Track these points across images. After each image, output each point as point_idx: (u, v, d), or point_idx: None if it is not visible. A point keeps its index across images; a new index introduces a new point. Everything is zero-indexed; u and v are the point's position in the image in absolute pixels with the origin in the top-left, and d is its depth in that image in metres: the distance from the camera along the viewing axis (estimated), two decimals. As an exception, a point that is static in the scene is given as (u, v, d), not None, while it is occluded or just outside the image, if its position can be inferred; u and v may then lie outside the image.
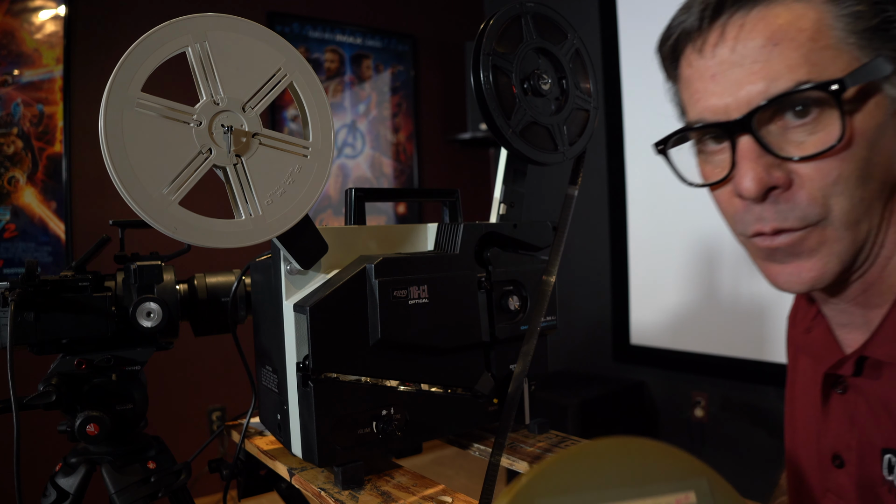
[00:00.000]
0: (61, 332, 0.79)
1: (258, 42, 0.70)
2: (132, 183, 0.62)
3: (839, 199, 0.50)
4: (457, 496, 0.71)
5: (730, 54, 0.51)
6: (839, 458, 0.60)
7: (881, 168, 0.51)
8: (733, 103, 0.51)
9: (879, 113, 0.50)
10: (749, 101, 0.50)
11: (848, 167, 0.50)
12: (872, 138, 0.50)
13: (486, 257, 0.82)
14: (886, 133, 0.51)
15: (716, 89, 0.52)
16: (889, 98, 0.51)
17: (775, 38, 0.49)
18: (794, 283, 0.54)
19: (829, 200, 0.51)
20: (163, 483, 0.85)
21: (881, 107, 0.50)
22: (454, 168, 3.43)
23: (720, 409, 2.44)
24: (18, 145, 2.23)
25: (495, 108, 0.82)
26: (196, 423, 2.56)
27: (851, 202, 0.51)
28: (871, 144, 0.50)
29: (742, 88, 0.50)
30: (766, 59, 0.49)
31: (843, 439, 0.60)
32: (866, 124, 0.50)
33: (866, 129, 0.50)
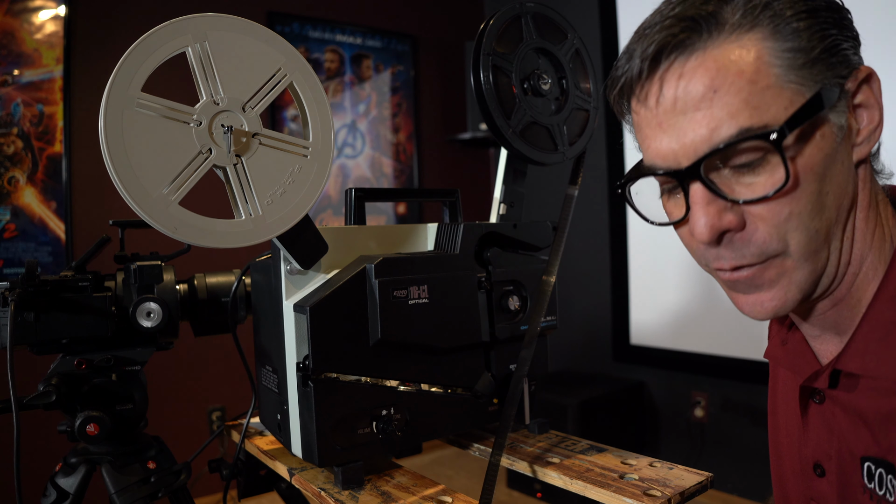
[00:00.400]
0: (61, 332, 0.79)
1: (258, 42, 0.70)
2: (132, 183, 0.62)
3: (795, 234, 0.51)
4: (457, 496, 0.71)
5: (672, 104, 0.51)
6: (820, 466, 0.61)
7: (835, 195, 0.52)
8: (681, 151, 0.51)
9: (826, 144, 0.50)
10: (695, 150, 0.50)
11: (799, 204, 0.50)
12: (821, 171, 0.50)
13: (486, 257, 0.82)
14: (837, 160, 0.51)
15: (663, 137, 0.52)
16: (836, 126, 0.51)
17: (714, 84, 0.49)
18: (757, 312, 0.55)
19: (786, 236, 0.51)
20: (163, 483, 0.85)
21: (828, 137, 0.50)
22: (454, 168, 3.43)
23: (720, 409, 2.44)
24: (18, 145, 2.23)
25: (495, 108, 0.82)
26: (196, 423, 2.56)
27: (808, 235, 0.51)
28: (821, 176, 0.50)
29: (687, 137, 0.50)
30: (707, 106, 0.49)
31: (822, 448, 0.61)
32: (813, 159, 0.50)
33: (814, 164, 0.50)
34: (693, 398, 2.51)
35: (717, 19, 0.50)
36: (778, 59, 0.49)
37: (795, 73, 0.49)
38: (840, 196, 0.52)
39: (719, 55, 0.49)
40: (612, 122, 2.72)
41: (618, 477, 0.72)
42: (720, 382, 2.42)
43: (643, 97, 0.54)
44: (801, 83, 0.49)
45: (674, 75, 0.51)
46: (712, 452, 2.46)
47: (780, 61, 0.49)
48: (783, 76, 0.49)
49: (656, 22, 0.52)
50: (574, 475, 0.73)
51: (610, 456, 0.79)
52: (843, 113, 0.51)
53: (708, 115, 0.49)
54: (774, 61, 0.49)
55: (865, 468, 0.56)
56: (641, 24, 0.54)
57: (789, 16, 0.49)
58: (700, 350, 2.43)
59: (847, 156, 0.52)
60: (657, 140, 0.53)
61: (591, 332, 2.94)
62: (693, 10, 0.50)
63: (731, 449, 2.40)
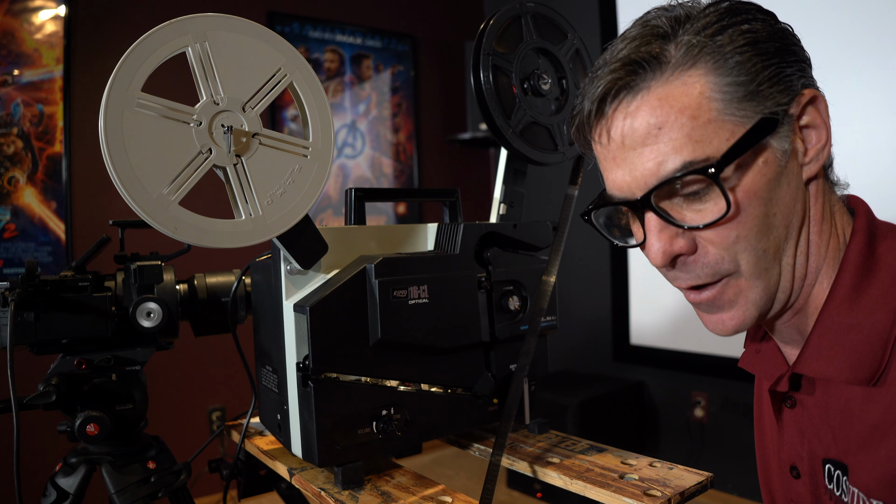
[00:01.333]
0: (61, 332, 0.79)
1: (258, 42, 0.70)
2: (132, 183, 0.62)
3: (744, 255, 0.54)
4: (457, 496, 0.71)
5: (621, 141, 0.55)
6: (795, 468, 0.64)
7: (782, 215, 0.54)
8: (633, 183, 0.55)
9: (769, 169, 0.53)
10: (645, 182, 0.54)
11: (745, 228, 0.53)
12: (765, 195, 0.53)
13: (486, 257, 0.82)
14: (782, 182, 0.54)
15: (617, 171, 0.56)
16: (779, 151, 0.53)
17: (659, 121, 0.52)
18: (720, 330, 0.59)
19: (736, 257, 0.54)
20: (163, 483, 0.85)
21: (771, 163, 0.53)
22: (454, 168, 3.43)
23: (720, 409, 2.44)
24: (18, 145, 2.23)
25: (495, 108, 0.82)
26: (196, 423, 2.56)
27: (756, 255, 0.54)
28: (765, 200, 0.53)
29: (637, 171, 0.54)
30: (653, 142, 0.52)
31: (796, 451, 0.63)
32: (756, 185, 0.52)
33: (757, 189, 0.52)
34: (693, 398, 2.51)
35: (660, 59, 0.53)
36: (719, 93, 0.51)
37: (736, 106, 0.51)
38: (787, 215, 0.55)
39: (663, 93, 0.52)
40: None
41: (618, 477, 0.72)
42: (720, 382, 2.42)
43: (596, 135, 0.58)
44: (743, 115, 0.51)
45: (620, 115, 0.54)
46: (712, 452, 2.46)
47: (721, 95, 0.51)
48: (724, 110, 0.51)
49: (604, 64, 0.56)
50: (574, 475, 0.73)
51: (610, 456, 0.79)
52: (786, 137, 0.53)
53: (655, 150, 0.52)
54: (715, 95, 0.51)
55: (826, 470, 0.59)
56: (594, 65, 0.58)
57: (729, 50, 0.52)
58: (700, 350, 2.43)
59: (794, 176, 0.55)
60: (613, 173, 0.57)
61: (591, 332, 2.94)
62: (637, 53, 0.53)
63: (731, 449, 2.40)
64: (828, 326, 0.56)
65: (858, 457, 0.55)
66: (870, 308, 0.54)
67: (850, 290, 0.55)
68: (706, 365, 2.41)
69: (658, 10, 0.56)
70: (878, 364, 0.53)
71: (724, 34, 0.52)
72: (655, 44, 0.53)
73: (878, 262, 0.55)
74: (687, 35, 0.52)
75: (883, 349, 0.53)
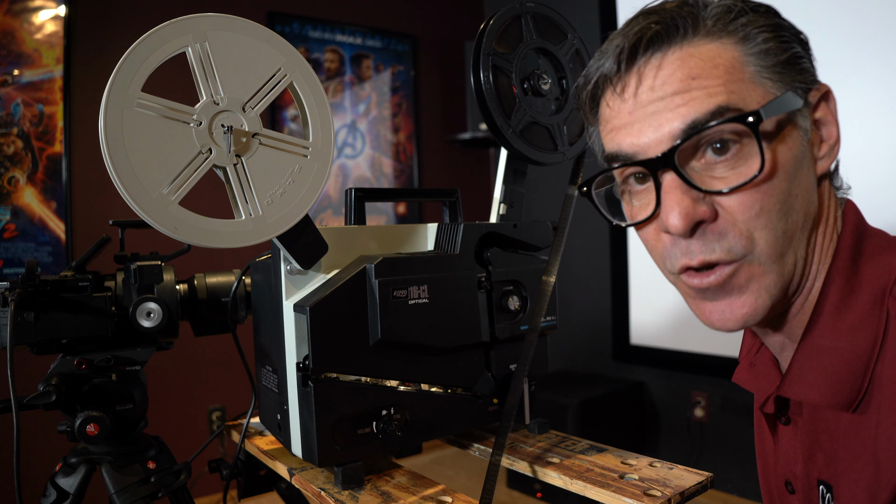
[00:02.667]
0: (61, 332, 0.79)
1: (258, 42, 0.70)
2: (132, 183, 0.62)
3: (763, 233, 0.51)
4: (457, 496, 0.71)
5: (649, 93, 0.52)
6: (790, 484, 0.63)
7: (801, 200, 0.53)
8: (654, 140, 0.52)
9: (795, 145, 0.52)
10: (672, 136, 0.51)
11: (769, 200, 0.50)
12: (791, 170, 0.51)
13: (486, 257, 0.82)
14: (804, 164, 0.53)
15: (635, 128, 0.53)
16: (802, 129, 0.53)
17: (693, 72, 0.51)
18: (727, 319, 0.54)
19: (754, 234, 0.51)
20: (163, 483, 0.85)
21: (796, 139, 0.52)
22: (454, 168, 3.43)
23: (720, 409, 2.44)
24: (18, 145, 2.23)
25: (495, 108, 0.82)
26: (196, 423, 2.56)
27: (775, 235, 0.51)
28: (791, 176, 0.51)
29: (663, 125, 0.51)
30: (685, 90, 0.50)
31: (790, 468, 0.62)
32: (785, 156, 0.51)
33: (785, 161, 0.51)
34: (693, 398, 2.51)
35: (694, 21, 0.52)
36: (751, 59, 0.51)
37: (769, 72, 0.51)
38: (806, 202, 0.53)
39: (696, 50, 0.51)
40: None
41: (618, 477, 0.72)
42: (720, 382, 2.42)
43: (619, 90, 0.54)
44: (774, 82, 0.51)
45: (652, 67, 0.52)
46: (712, 452, 2.46)
47: (753, 60, 0.51)
48: (758, 73, 0.51)
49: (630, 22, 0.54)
50: (574, 475, 0.73)
51: (610, 456, 0.79)
52: (807, 119, 0.53)
53: (686, 98, 0.50)
54: (749, 60, 0.51)
55: (821, 491, 0.57)
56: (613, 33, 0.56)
57: (758, 27, 0.52)
58: (700, 350, 2.43)
59: (811, 166, 0.54)
60: (629, 133, 0.54)
61: (591, 332, 2.93)
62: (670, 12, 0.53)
63: (731, 449, 2.40)
64: (809, 349, 0.55)
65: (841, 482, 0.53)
66: (850, 331, 0.52)
67: (832, 309, 0.54)
68: (706, 365, 2.41)
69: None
70: (858, 390, 0.51)
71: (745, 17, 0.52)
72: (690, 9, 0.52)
73: (861, 282, 0.53)
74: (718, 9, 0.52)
75: (863, 375, 0.51)
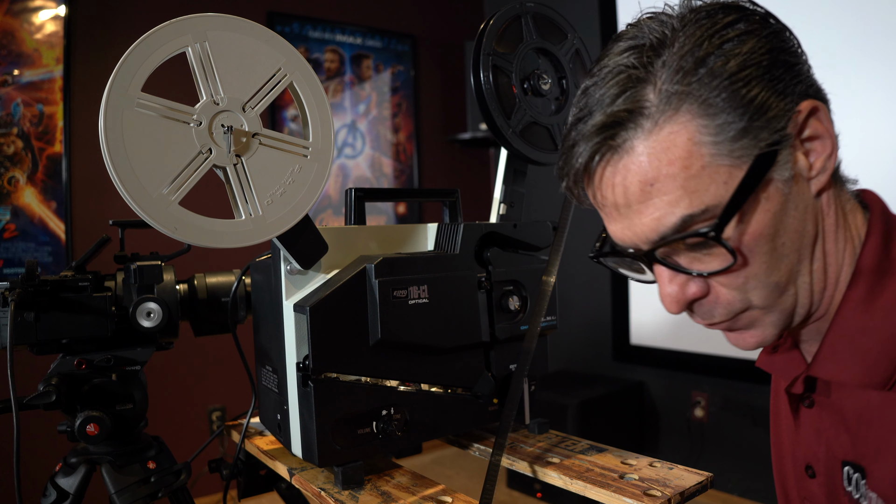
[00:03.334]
0: (61, 332, 0.79)
1: (258, 42, 0.70)
2: (132, 183, 0.62)
3: (755, 292, 0.52)
4: (457, 496, 0.71)
5: (613, 204, 0.53)
6: (811, 468, 0.63)
7: (791, 242, 0.52)
8: (635, 238, 0.53)
9: (773, 203, 0.50)
10: (647, 238, 0.52)
11: (754, 268, 0.51)
12: (771, 231, 0.50)
13: (486, 257, 0.82)
14: (788, 209, 0.51)
15: (616, 225, 0.54)
16: (781, 180, 0.50)
17: (650, 178, 0.49)
18: (741, 346, 0.58)
19: (747, 295, 0.53)
20: (163, 483, 0.85)
21: (774, 196, 0.50)
22: (454, 168, 3.43)
23: (720, 409, 2.44)
24: (18, 145, 2.23)
25: (495, 108, 0.82)
26: (196, 423, 2.56)
27: (768, 289, 0.52)
28: (772, 237, 0.51)
29: (636, 227, 0.52)
30: (647, 198, 0.50)
31: (812, 451, 0.62)
32: (761, 225, 0.50)
33: (762, 229, 0.50)
34: (693, 398, 2.51)
35: (640, 113, 0.49)
36: (708, 136, 0.48)
37: (728, 147, 0.48)
38: (798, 240, 0.52)
39: (648, 148, 0.49)
40: (612, 122, 2.72)
41: (618, 477, 0.72)
42: (720, 382, 2.42)
43: (589, 196, 0.56)
44: (738, 155, 0.48)
45: (608, 183, 0.52)
46: (712, 452, 2.46)
47: (712, 138, 0.48)
48: (717, 153, 0.48)
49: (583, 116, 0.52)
50: (574, 475, 0.73)
51: (610, 456, 0.79)
52: (787, 163, 0.50)
53: (651, 206, 0.50)
54: (705, 139, 0.48)
55: (845, 472, 0.58)
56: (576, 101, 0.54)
57: (714, 86, 0.48)
58: (700, 350, 2.43)
59: (801, 198, 0.52)
60: (612, 226, 0.55)
61: (591, 332, 2.93)
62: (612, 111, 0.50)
63: (731, 449, 2.40)
64: (842, 329, 0.55)
65: (877, 461, 0.54)
66: (885, 311, 0.53)
67: (865, 292, 0.54)
68: (706, 365, 2.41)
69: (628, 39, 0.52)
70: (894, 368, 0.52)
71: (706, 66, 0.48)
72: (630, 94, 0.49)
73: (894, 263, 0.54)
74: (666, 73, 0.49)
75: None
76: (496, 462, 0.71)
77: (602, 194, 0.53)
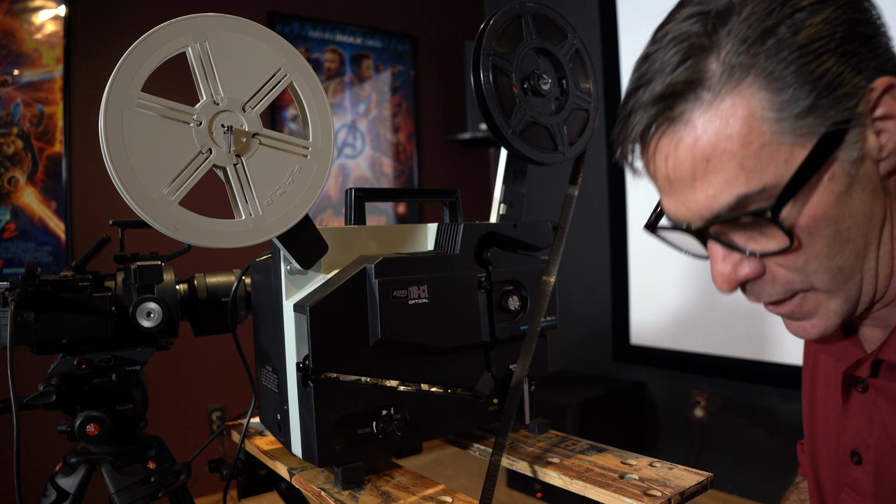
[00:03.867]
0: (61, 332, 0.79)
1: (258, 42, 0.70)
2: (132, 183, 0.62)
3: (817, 275, 0.50)
4: (457, 496, 0.71)
5: (666, 179, 0.51)
6: (857, 454, 0.61)
7: (857, 226, 0.49)
8: (689, 214, 0.51)
9: (837, 185, 0.47)
10: (700, 215, 0.50)
11: (815, 250, 0.49)
12: (835, 213, 0.48)
13: (486, 257, 0.82)
14: (854, 192, 0.48)
15: (670, 200, 0.52)
16: (847, 161, 0.47)
17: (705, 154, 0.47)
18: (802, 336, 0.56)
19: (809, 277, 0.50)
20: (163, 483, 0.85)
21: (839, 177, 0.47)
22: (454, 168, 3.43)
23: (720, 409, 2.44)
24: (18, 145, 2.23)
25: (495, 108, 0.82)
26: (196, 423, 2.56)
27: (831, 273, 0.50)
28: (836, 219, 0.48)
29: (689, 205, 0.50)
30: (702, 175, 0.48)
31: (861, 437, 0.60)
32: (823, 207, 0.47)
33: (825, 210, 0.47)
34: (693, 398, 2.51)
35: (700, 84, 0.47)
36: (772, 111, 0.45)
37: (793, 124, 0.45)
38: (864, 223, 0.49)
39: (706, 122, 0.47)
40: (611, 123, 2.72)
41: (618, 477, 0.72)
42: (720, 382, 2.42)
43: (642, 166, 0.54)
44: (802, 133, 0.45)
45: (661, 155, 0.50)
46: (712, 452, 2.46)
47: (775, 114, 0.45)
48: (779, 130, 0.45)
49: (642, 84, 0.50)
50: (574, 475, 0.73)
51: (610, 456, 0.79)
52: (856, 144, 0.47)
53: (705, 184, 0.48)
54: (768, 115, 0.45)
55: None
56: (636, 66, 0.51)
57: (782, 58, 0.45)
58: (700, 350, 2.43)
59: (869, 178, 0.48)
60: (666, 200, 0.53)
61: (591, 332, 2.94)
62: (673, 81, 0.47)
63: (731, 449, 2.40)
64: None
65: None
66: None
67: None
68: (706, 365, 2.41)
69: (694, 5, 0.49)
70: None
71: (775, 37, 0.45)
72: (692, 63, 0.47)
73: None
74: (731, 43, 0.46)
75: None
76: (496, 462, 0.71)
77: (656, 166, 0.51)
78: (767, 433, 2.27)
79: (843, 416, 0.63)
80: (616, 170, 2.77)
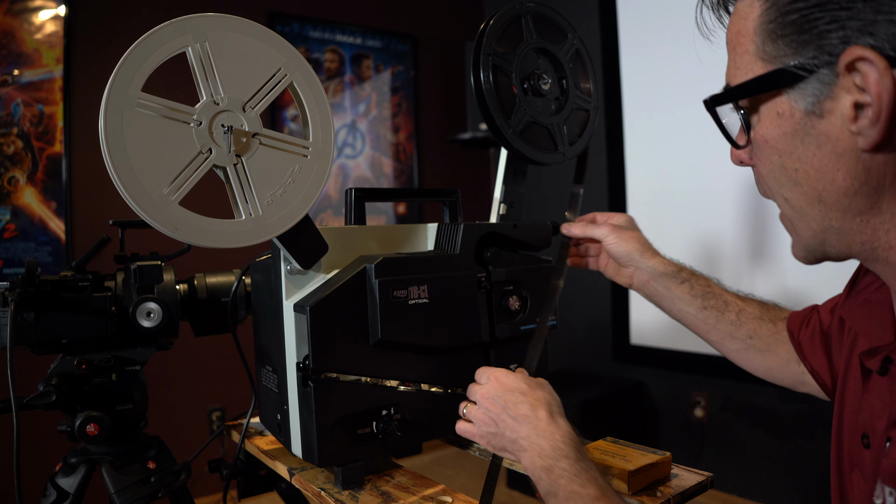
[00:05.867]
0: (61, 332, 0.79)
1: (258, 42, 0.70)
2: (132, 183, 0.62)
3: (776, 196, 0.55)
4: (457, 496, 0.71)
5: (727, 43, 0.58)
6: (867, 437, 0.60)
7: (807, 175, 0.51)
8: None
9: (785, 123, 0.51)
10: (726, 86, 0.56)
11: (765, 166, 0.54)
12: (780, 148, 0.52)
13: (486, 257, 0.82)
14: (807, 143, 0.50)
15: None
16: (799, 110, 0.49)
17: (732, 42, 0.55)
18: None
19: (771, 191, 0.56)
20: (163, 483, 0.85)
21: (787, 117, 0.50)
22: (454, 168, 3.43)
23: (720, 409, 2.44)
24: (18, 145, 2.23)
25: (495, 108, 0.82)
26: (196, 423, 2.56)
27: (782, 199, 0.54)
28: (781, 152, 0.52)
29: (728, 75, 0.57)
30: (730, 53, 0.56)
31: (871, 421, 0.60)
32: (770, 134, 0.52)
33: (769, 138, 0.52)
34: (693, 398, 2.51)
35: None
36: (757, 33, 0.51)
37: (770, 46, 0.50)
38: (818, 179, 0.50)
39: (736, 12, 0.55)
40: (611, 123, 2.72)
41: (618, 477, 0.72)
42: (720, 382, 2.42)
43: None
44: (771, 57, 0.50)
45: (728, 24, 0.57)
46: (712, 452, 2.46)
47: (760, 35, 0.51)
48: (759, 48, 0.51)
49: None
50: (574, 475, 0.72)
51: (610, 456, 0.79)
52: (813, 98, 0.48)
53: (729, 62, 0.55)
54: (759, 29, 0.51)
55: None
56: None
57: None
58: (700, 350, 2.43)
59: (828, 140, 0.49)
60: None
61: (591, 332, 2.94)
62: None
63: (731, 449, 2.40)
64: None
65: None
66: None
67: None
68: (706, 365, 2.41)
69: None
70: None
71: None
72: None
73: None
74: None
75: None
76: (496, 462, 0.71)
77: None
78: (767, 433, 2.27)
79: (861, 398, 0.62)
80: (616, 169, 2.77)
